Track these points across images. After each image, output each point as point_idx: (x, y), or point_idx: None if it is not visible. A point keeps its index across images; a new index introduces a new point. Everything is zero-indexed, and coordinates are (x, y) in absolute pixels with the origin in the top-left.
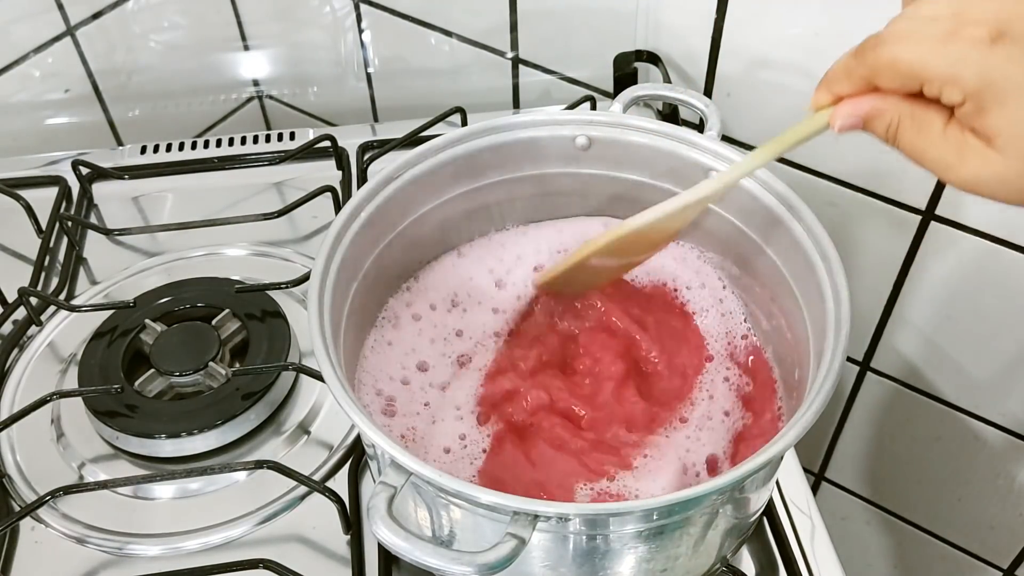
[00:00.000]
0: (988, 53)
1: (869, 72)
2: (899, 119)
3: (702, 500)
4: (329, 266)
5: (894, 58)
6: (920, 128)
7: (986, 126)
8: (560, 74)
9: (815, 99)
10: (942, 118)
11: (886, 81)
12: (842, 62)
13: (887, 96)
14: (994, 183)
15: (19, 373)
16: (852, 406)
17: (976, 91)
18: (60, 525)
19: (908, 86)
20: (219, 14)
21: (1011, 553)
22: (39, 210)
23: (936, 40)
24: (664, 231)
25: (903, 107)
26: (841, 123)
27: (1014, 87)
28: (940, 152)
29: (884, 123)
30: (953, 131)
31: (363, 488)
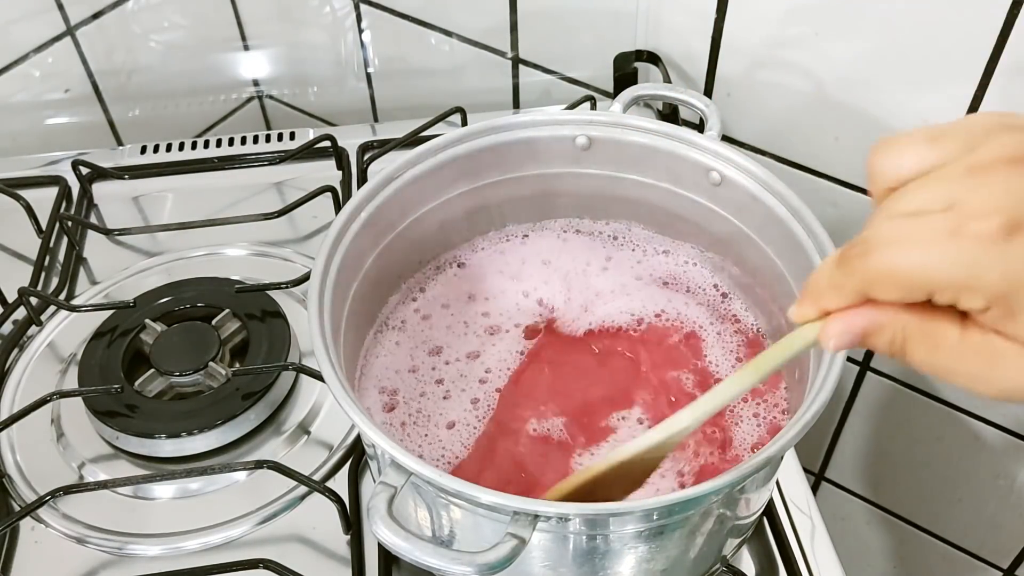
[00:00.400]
0: (1007, 250)
1: (861, 285)
2: (904, 335)
3: (702, 500)
4: (329, 266)
5: (892, 267)
6: (933, 342)
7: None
8: (560, 74)
9: (798, 312)
10: (955, 325)
11: (885, 292)
12: (826, 273)
13: (884, 308)
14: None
15: (19, 373)
16: (852, 406)
17: (1003, 295)
18: (60, 525)
19: (913, 296)
20: (219, 14)
21: (1011, 553)
22: (39, 210)
23: (939, 241)
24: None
25: (907, 320)
26: (836, 343)
27: None
28: (966, 365)
29: (886, 339)
30: (973, 337)
31: (363, 488)
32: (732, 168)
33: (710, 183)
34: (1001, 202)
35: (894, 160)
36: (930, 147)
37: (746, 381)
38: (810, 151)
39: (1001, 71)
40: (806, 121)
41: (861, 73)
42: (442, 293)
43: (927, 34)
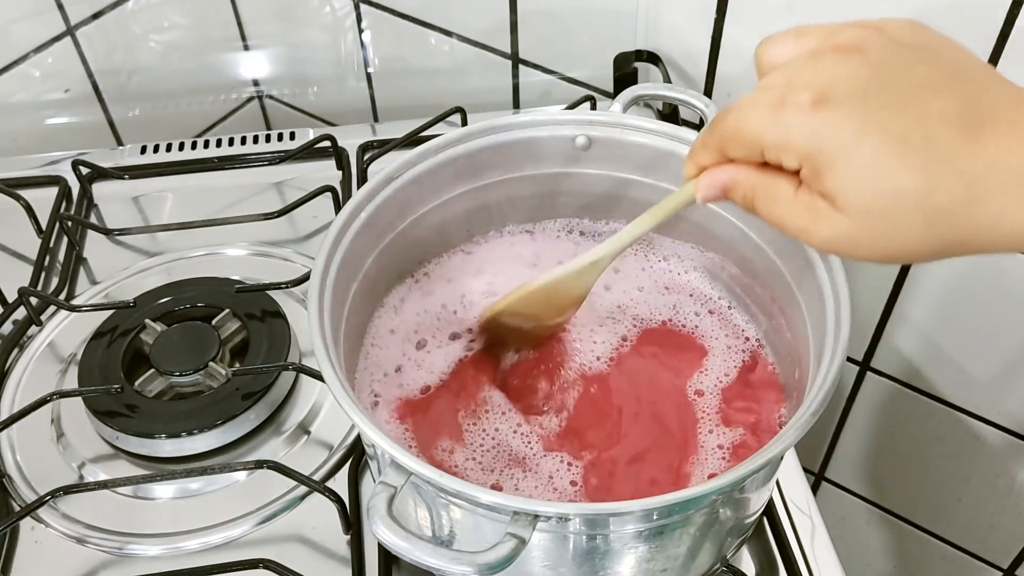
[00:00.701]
0: (811, 118)
1: (719, 142)
2: (753, 189)
3: (702, 500)
4: (329, 266)
5: (736, 127)
6: (773, 197)
7: (825, 189)
8: (560, 74)
9: (685, 170)
10: (792, 185)
11: (733, 150)
12: (701, 134)
13: (741, 167)
14: (847, 243)
15: (19, 373)
16: (852, 406)
17: (808, 156)
18: (60, 525)
19: (752, 154)
20: (219, 14)
21: (1011, 553)
22: (39, 210)
23: (769, 108)
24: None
25: (755, 177)
26: (703, 194)
27: (839, 150)
28: (795, 219)
29: (740, 193)
30: (803, 196)
31: (363, 488)
32: None
33: None
34: (817, 80)
35: (769, 50)
36: (795, 41)
37: (642, 227)
38: None
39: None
40: None
41: None
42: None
43: None
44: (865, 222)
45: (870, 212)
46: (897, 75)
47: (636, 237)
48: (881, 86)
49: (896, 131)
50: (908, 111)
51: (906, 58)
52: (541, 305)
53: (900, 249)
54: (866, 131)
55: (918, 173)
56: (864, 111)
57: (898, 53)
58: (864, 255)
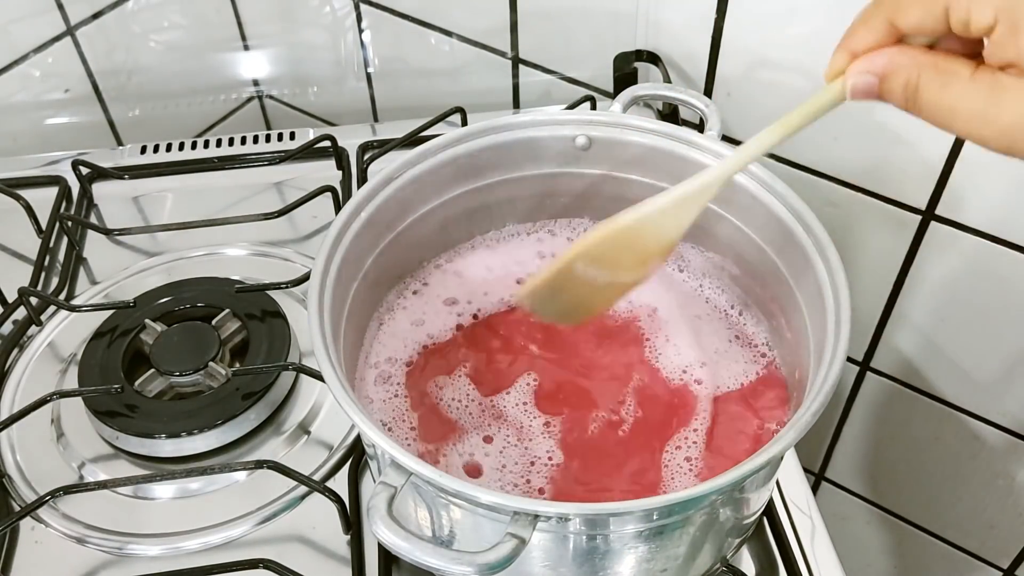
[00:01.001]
0: None
1: (888, 10)
2: (919, 72)
3: (702, 500)
4: (329, 266)
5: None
6: (945, 79)
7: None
8: (560, 74)
9: (831, 64)
10: (969, 67)
11: (907, 14)
12: (861, 11)
13: (904, 48)
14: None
15: (19, 373)
16: (852, 406)
17: (1008, 7)
18: (60, 525)
19: (932, 15)
20: (219, 14)
21: (1011, 553)
22: (39, 210)
23: None
24: (660, 235)
25: (924, 59)
26: (853, 82)
27: None
28: (970, 103)
29: (902, 79)
30: (983, 75)
31: (363, 488)
32: None
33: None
34: None
35: None
36: None
37: (775, 136)
38: (810, 151)
39: None
40: None
41: None
42: (443, 292)
43: None
44: None
45: None
46: None
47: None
48: None
49: None
50: None
51: None
52: (626, 249)
53: None
54: None
55: None
56: None
57: None
58: None
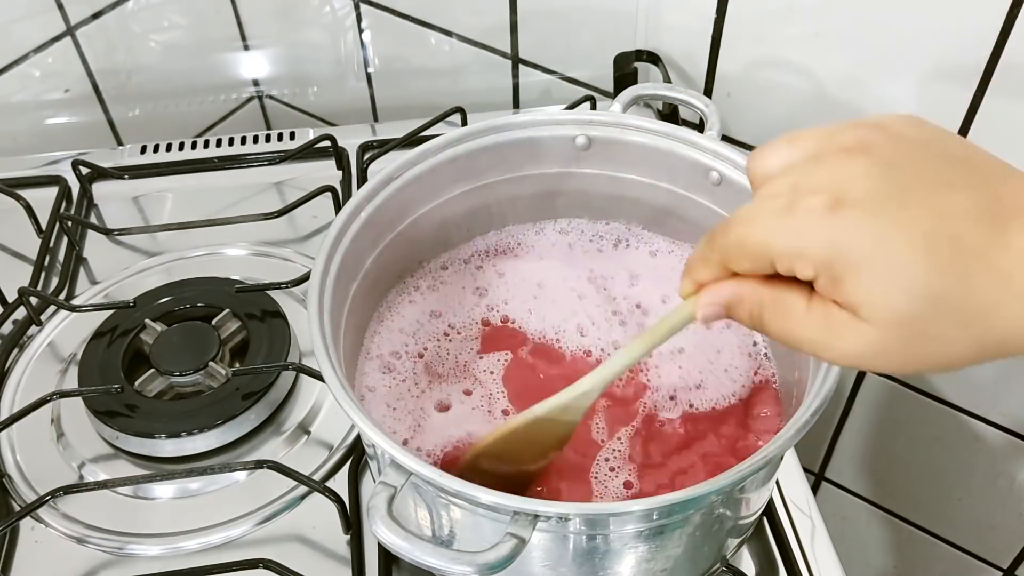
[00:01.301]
0: (829, 222)
1: (721, 256)
2: (760, 305)
3: (702, 500)
4: (329, 266)
5: (741, 238)
6: (784, 311)
7: (846, 298)
8: (560, 74)
9: (681, 288)
10: (803, 297)
11: (738, 263)
12: (698, 249)
13: (745, 281)
14: (874, 355)
15: (19, 373)
16: (852, 406)
17: (826, 263)
18: (60, 525)
19: (760, 266)
20: (219, 14)
21: (1011, 553)
22: (39, 210)
23: (778, 215)
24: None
25: (763, 291)
26: (703, 313)
27: (861, 255)
28: (811, 333)
29: (746, 310)
30: (817, 308)
31: (363, 488)
32: (732, 168)
33: (710, 183)
34: (828, 183)
35: (761, 162)
36: (789, 148)
37: (635, 351)
38: None
39: (1001, 70)
40: (806, 121)
41: (861, 73)
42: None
43: (927, 34)
44: (895, 331)
45: (900, 320)
46: (910, 173)
47: (627, 365)
48: (896, 185)
49: (920, 231)
50: (929, 209)
51: (915, 154)
52: (521, 446)
53: (935, 357)
54: (889, 233)
55: (950, 273)
56: (884, 212)
57: (906, 149)
58: (895, 366)
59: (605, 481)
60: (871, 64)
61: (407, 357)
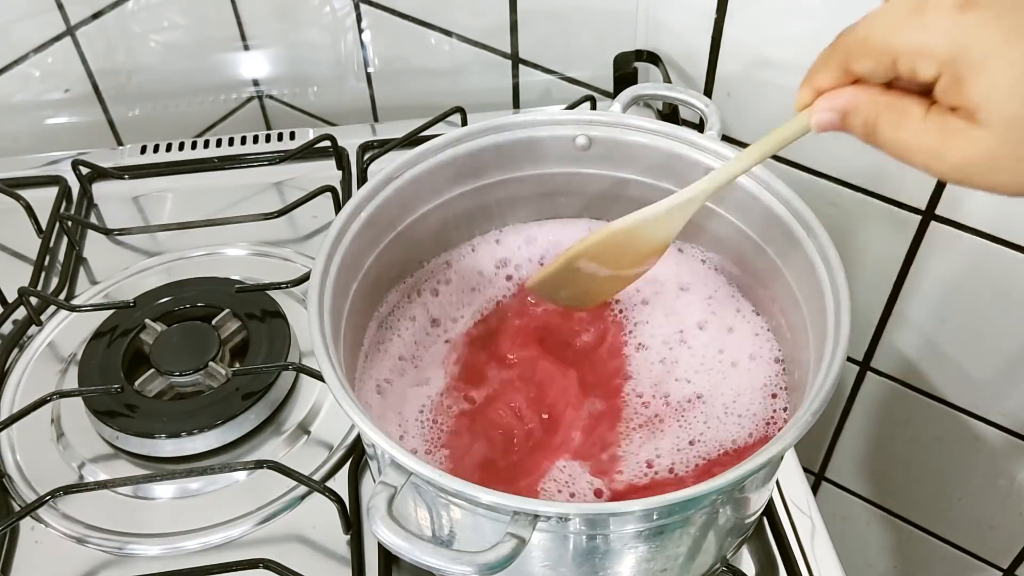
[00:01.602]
0: (957, 20)
1: (844, 57)
2: (876, 112)
3: (702, 500)
4: (329, 266)
5: (865, 36)
6: (899, 119)
7: (966, 99)
8: (560, 74)
9: (798, 97)
10: (922, 107)
11: (859, 62)
12: (820, 55)
13: (863, 88)
14: (984, 164)
15: (19, 373)
16: (852, 406)
17: (950, 59)
18: (60, 525)
19: (882, 65)
20: (219, 14)
21: (1011, 553)
22: (39, 210)
23: (905, 14)
24: (653, 238)
25: (880, 99)
26: (817, 118)
27: (988, 51)
28: (923, 141)
29: (861, 117)
30: (934, 116)
31: (363, 488)
32: None
33: None
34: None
35: None
36: None
37: (747, 159)
38: (810, 151)
39: None
40: None
41: None
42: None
43: None
44: (1008, 135)
45: (1017, 122)
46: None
47: (739, 172)
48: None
49: None
50: None
51: None
52: (622, 250)
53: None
54: (1016, 35)
55: None
56: (1013, 15)
57: None
58: (1002, 180)
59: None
60: None
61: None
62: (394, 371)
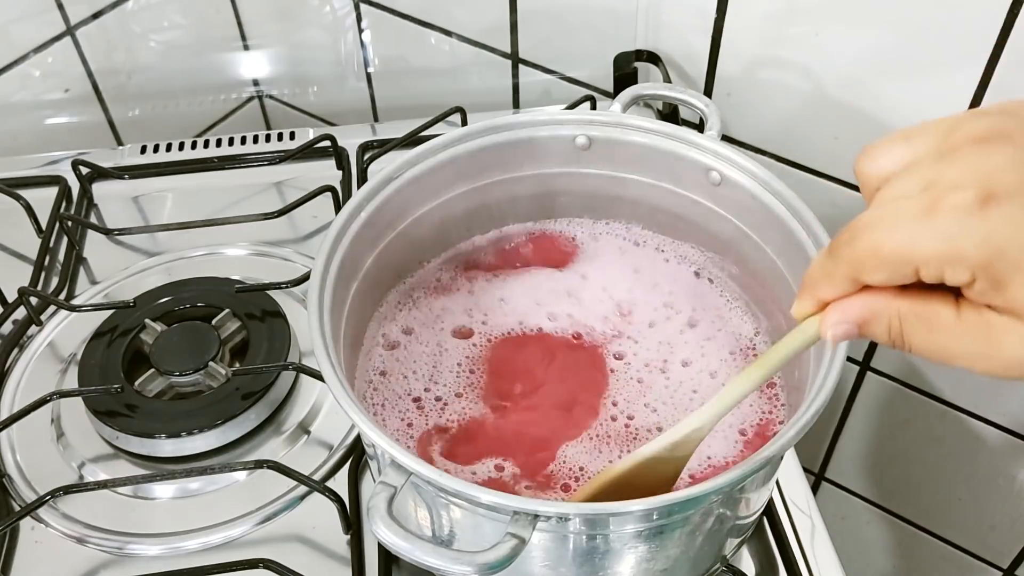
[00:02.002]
0: (983, 219)
1: (851, 269)
2: (900, 318)
3: (702, 500)
4: (329, 266)
5: (876, 246)
6: (929, 324)
7: (1011, 300)
8: (560, 74)
9: (797, 308)
10: (950, 305)
11: (871, 274)
12: (818, 263)
13: (878, 294)
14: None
15: (19, 373)
16: (852, 406)
17: (985, 264)
18: (60, 525)
19: (899, 275)
20: (219, 14)
21: (1011, 553)
22: (39, 210)
23: (918, 216)
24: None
25: (901, 304)
26: (833, 333)
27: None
28: (965, 344)
29: (884, 325)
30: (969, 315)
31: (363, 488)
32: (732, 168)
33: (710, 183)
34: (973, 176)
35: (876, 162)
36: (906, 145)
37: (753, 379)
38: (810, 151)
39: (1001, 72)
40: (806, 121)
41: (861, 72)
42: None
43: (927, 33)
44: None
45: None
46: None
47: (743, 395)
48: None
49: None
50: None
51: None
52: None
53: None
54: None
55: None
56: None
57: None
58: None
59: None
60: (871, 63)
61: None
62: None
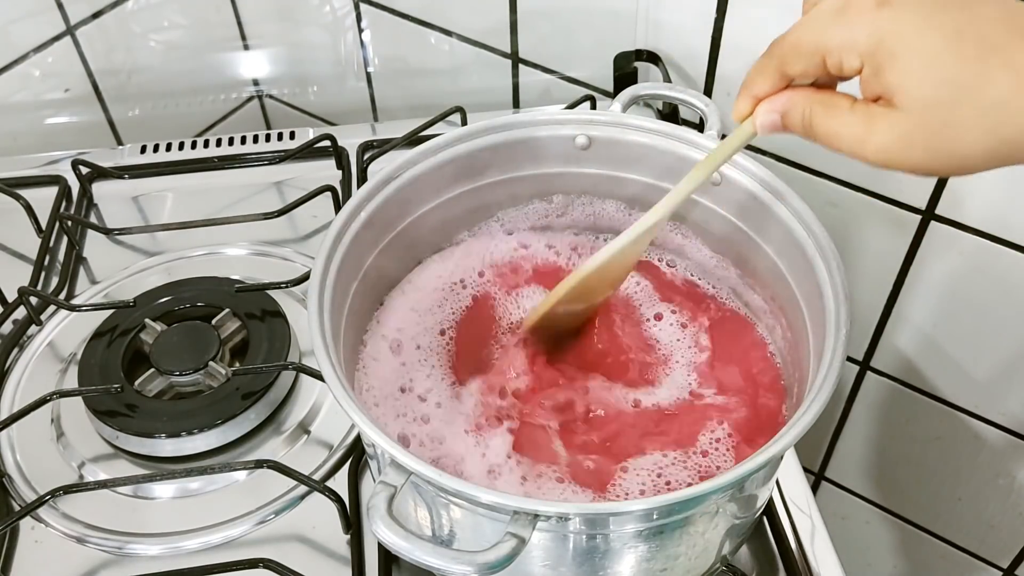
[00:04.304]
0: (876, 16)
1: (778, 62)
2: (811, 107)
3: (702, 500)
4: (329, 266)
5: (797, 39)
6: (830, 110)
7: (885, 86)
8: (560, 74)
9: (736, 109)
10: (849, 100)
11: (793, 65)
12: (755, 64)
13: (799, 89)
14: (902, 146)
15: (19, 373)
16: (852, 406)
17: (870, 51)
18: (60, 525)
19: (813, 63)
20: (219, 14)
21: (1011, 553)
22: (39, 210)
23: (830, 16)
24: (619, 266)
25: (814, 96)
26: (761, 121)
27: (901, 42)
28: (850, 128)
29: (799, 114)
30: (859, 106)
31: (363, 488)
32: (732, 168)
33: (710, 183)
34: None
35: None
36: None
37: (696, 178)
38: (810, 151)
39: None
40: None
41: None
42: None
43: None
44: (922, 117)
45: (928, 105)
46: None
47: (690, 192)
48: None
49: (952, 27)
50: (962, 11)
51: None
52: (594, 284)
53: (955, 148)
54: (926, 26)
55: (973, 63)
56: (923, 10)
57: None
58: (918, 160)
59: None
60: None
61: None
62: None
